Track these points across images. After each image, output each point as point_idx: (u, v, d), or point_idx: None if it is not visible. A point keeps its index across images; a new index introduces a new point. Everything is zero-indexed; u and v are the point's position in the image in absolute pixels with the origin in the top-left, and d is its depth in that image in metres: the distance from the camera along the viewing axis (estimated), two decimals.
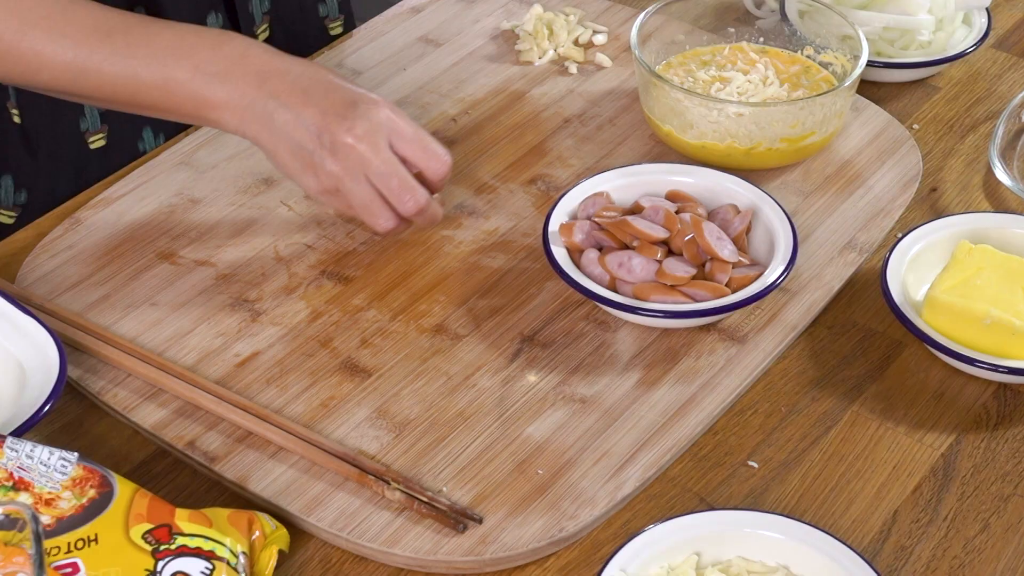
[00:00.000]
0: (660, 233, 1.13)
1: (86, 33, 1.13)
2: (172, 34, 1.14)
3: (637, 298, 1.11)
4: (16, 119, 1.33)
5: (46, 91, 1.17)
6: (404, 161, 1.12)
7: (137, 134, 1.40)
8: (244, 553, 0.93)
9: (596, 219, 1.16)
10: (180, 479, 1.04)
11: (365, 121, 1.10)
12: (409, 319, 1.14)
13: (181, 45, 1.13)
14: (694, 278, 1.11)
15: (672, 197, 1.19)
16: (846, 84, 1.25)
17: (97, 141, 1.37)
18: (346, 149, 1.10)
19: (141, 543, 0.91)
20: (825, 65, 1.33)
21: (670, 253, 1.13)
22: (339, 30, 1.49)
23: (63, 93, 1.17)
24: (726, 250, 1.12)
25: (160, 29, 1.14)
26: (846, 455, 1.05)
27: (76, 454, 0.94)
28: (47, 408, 1.01)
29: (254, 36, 1.41)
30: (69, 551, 0.90)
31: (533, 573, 0.98)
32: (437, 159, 1.13)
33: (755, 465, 1.04)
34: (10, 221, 1.36)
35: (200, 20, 1.37)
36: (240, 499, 1.02)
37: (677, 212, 1.16)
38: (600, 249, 1.14)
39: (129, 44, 1.13)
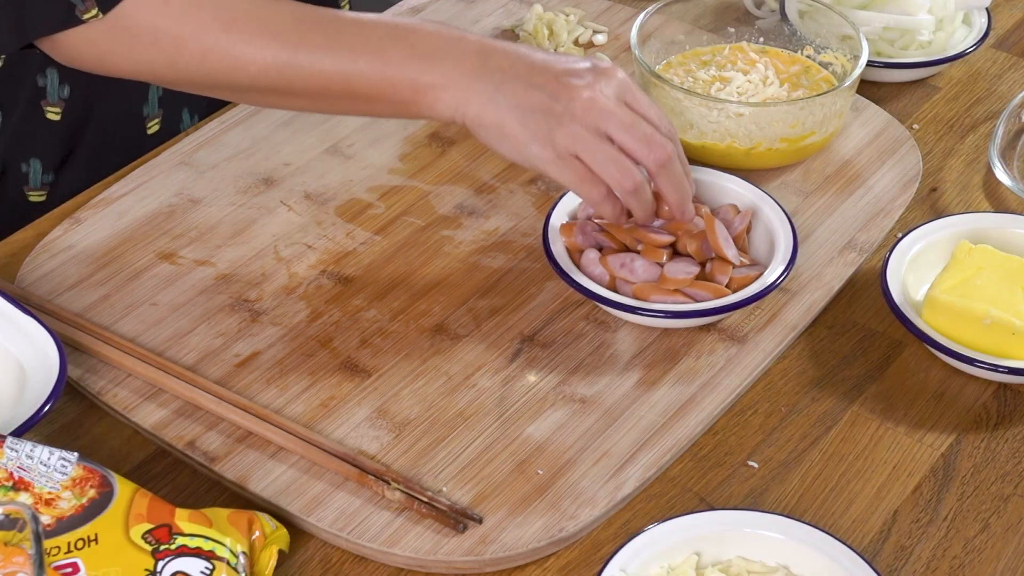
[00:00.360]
0: (665, 238, 1.13)
1: (292, 27, 1.10)
2: (385, 22, 1.11)
3: (637, 298, 1.11)
4: (54, 116, 1.34)
5: (245, 92, 1.15)
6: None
7: (178, 116, 1.41)
8: (244, 553, 0.93)
9: (596, 219, 1.16)
10: (180, 479, 1.04)
11: (603, 78, 1.08)
12: (409, 319, 1.14)
13: (396, 31, 1.10)
14: (695, 278, 1.11)
15: None
16: (846, 84, 1.25)
17: (153, 127, 1.39)
18: (586, 105, 1.06)
19: (141, 543, 0.91)
20: (825, 65, 1.33)
21: (675, 254, 1.13)
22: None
23: (264, 92, 1.13)
24: (731, 251, 1.12)
25: (371, 19, 1.12)
26: (846, 455, 1.05)
27: (76, 454, 0.94)
28: (47, 408, 1.01)
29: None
30: (69, 551, 0.90)
31: (533, 573, 0.98)
32: (666, 125, 1.10)
33: (755, 465, 1.04)
34: (41, 199, 1.37)
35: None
36: (240, 499, 1.02)
37: None
38: (600, 249, 1.14)
39: (341, 33, 1.10)
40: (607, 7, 1.49)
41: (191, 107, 1.42)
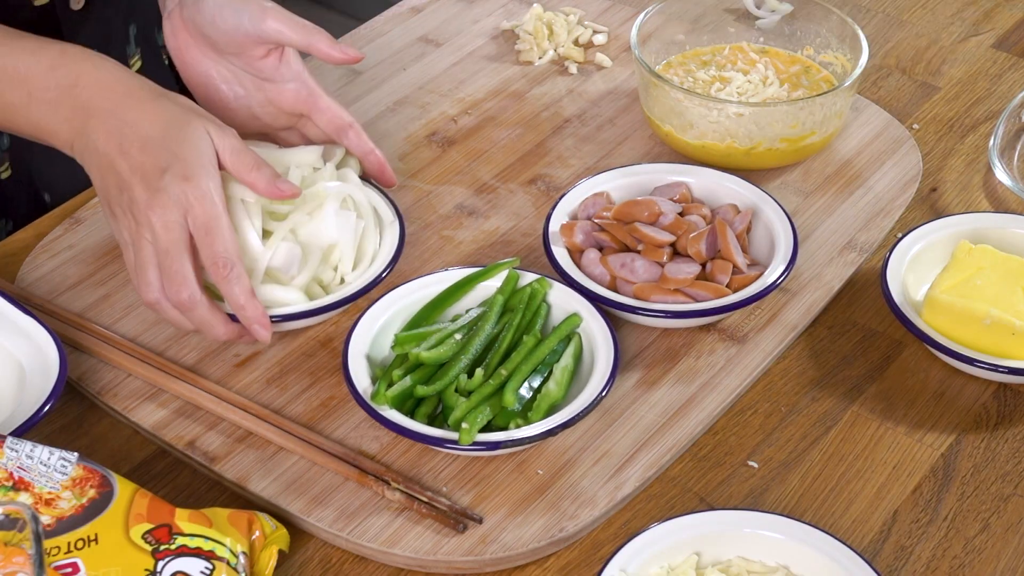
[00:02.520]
0: (666, 237, 1.13)
1: None
2: (10, 54, 1.10)
3: (637, 298, 1.11)
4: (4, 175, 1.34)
5: None
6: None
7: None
8: (244, 553, 0.93)
9: (597, 220, 1.16)
10: (180, 479, 1.04)
11: (164, 195, 1.04)
12: None
13: (17, 67, 1.09)
14: (695, 278, 1.11)
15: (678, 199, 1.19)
16: (846, 84, 1.25)
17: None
18: (139, 216, 1.04)
19: (141, 543, 0.91)
20: (825, 65, 1.33)
21: (675, 254, 1.13)
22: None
23: None
24: (740, 258, 1.12)
25: (2, 48, 1.11)
26: (846, 455, 1.05)
27: (76, 454, 0.94)
28: (47, 408, 1.01)
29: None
30: (69, 551, 0.90)
31: (533, 573, 0.98)
32: (218, 245, 1.05)
33: (755, 465, 1.04)
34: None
35: None
36: (240, 499, 1.02)
37: (682, 214, 1.16)
38: (600, 249, 1.14)
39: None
40: (607, 7, 1.49)
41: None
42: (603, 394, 1.03)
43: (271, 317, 1.08)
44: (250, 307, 1.05)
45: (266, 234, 1.11)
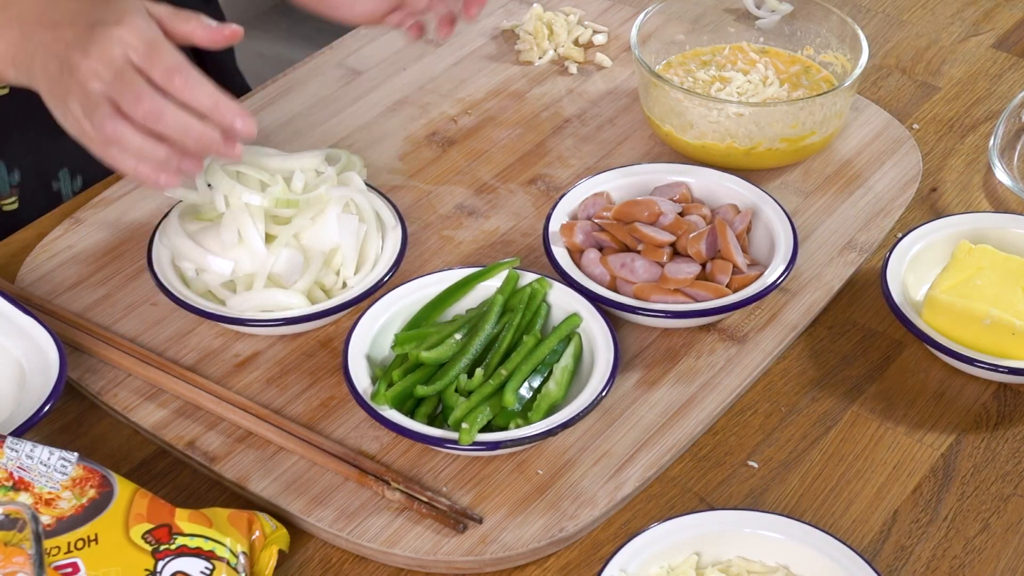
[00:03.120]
0: (666, 237, 1.13)
1: None
2: None
3: (638, 298, 1.11)
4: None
5: None
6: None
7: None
8: (244, 553, 0.93)
9: (597, 220, 1.16)
10: (180, 479, 1.04)
11: (98, 42, 1.01)
12: None
13: None
14: (695, 278, 1.11)
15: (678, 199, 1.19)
16: (846, 84, 1.25)
17: (9, 205, 1.35)
18: (83, 74, 1.00)
19: (141, 543, 0.91)
20: (825, 65, 1.33)
21: (675, 254, 1.13)
22: None
23: None
24: (740, 258, 1.12)
25: None
26: (846, 455, 1.05)
27: (76, 454, 0.94)
28: (47, 408, 1.01)
29: None
30: (69, 551, 0.90)
31: (533, 573, 0.98)
32: (167, 58, 1.01)
33: (755, 465, 1.04)
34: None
35: None
36: (240, 499, 1.02)
37: (682, 214, 1.16)
38: (600, 249, 1.14)
39: None
40: (607, 7, 1.49)
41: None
42: (603, 394, 1.03)
43: (272, 320, 1.08)
44: (222, 103, 1.01)
45: (269, 238, 1.11)
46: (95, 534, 0.91)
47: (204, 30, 1.05)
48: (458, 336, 1.07)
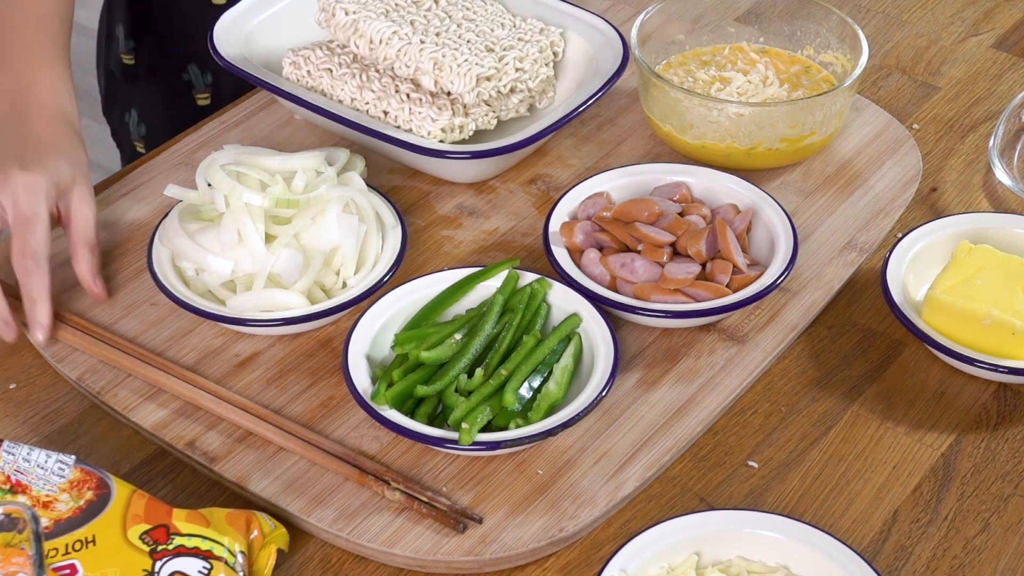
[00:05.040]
0: (666, 237, 1.13)
1: None
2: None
3: (638, 298, 1.11)
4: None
5: None
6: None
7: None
8: (242, 552, 0.93)
9: (597, 220, 1.16)
10: (180, 479, 1.04)
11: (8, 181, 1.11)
12: None
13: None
14: (695, 278, 1.11)
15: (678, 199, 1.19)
16: (846, 84, 1.25)
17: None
18: None
19: (139, 544, 0.91)
20: (825, 65, 1.33)
21: (675, 254, 1.13)
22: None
23: None
24: (740, 258, 1.12)
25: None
26: (846, 455, 1.05)
27: (73, 456, 0.94)
28: None
29: None
30: (67, 553, 0.90)
31: (533, 573, 0.98)
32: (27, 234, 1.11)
33: (755, 465, 1.04)
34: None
35: None
36: (240, 499, 1.02)
37: (682, 214, 1.16)
38: (600, 249, 1.14)
39: None
40: (607, 7, 1.49)
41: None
42: (603, 394, 1.03)
43: (272, 320, 1.08)
44: (38, 307, 1.09)
45: (269, 238, 1.11)
46: (93, 536, 0.91)
47: (87, 273, 1.13)
48: (458, 336, 1.07)
